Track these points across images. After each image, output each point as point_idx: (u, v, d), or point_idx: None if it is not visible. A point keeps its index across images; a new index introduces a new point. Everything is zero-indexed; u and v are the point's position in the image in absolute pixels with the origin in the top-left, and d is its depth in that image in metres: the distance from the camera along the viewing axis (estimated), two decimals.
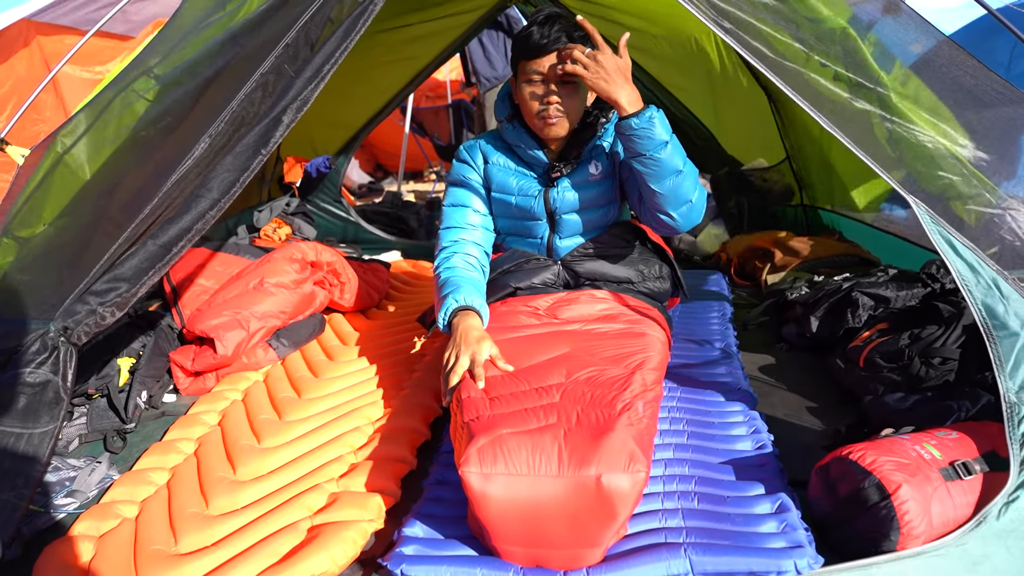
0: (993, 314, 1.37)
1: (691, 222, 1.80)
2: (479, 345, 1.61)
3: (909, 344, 2.00)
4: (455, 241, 1.94)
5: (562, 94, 1.78)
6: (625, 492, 1.24)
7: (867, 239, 3.25)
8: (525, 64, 1.79)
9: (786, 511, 1.41)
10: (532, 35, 1.75)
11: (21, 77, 3.88)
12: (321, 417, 1.94)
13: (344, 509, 1.50)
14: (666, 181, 1.71)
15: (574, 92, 1.80)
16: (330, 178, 4.09)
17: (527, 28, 1.77)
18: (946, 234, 1.41)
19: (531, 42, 1.75)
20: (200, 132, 1.59)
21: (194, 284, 2.55)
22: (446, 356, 1.65)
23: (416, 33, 3.60)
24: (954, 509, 1.32)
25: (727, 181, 3.93)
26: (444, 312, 1.75)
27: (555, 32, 1.72)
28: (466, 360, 1.60)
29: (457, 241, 1.94)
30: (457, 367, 1.59)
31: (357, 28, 1.59)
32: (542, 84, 1.78)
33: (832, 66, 1.59)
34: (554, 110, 1.79)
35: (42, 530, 1.57)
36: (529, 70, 1.78)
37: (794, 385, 2.22)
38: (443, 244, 1.95)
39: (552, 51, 1.73)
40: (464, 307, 1.74)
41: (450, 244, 1.94)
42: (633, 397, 1.45)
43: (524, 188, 1.95)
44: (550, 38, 1.72)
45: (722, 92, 3.65)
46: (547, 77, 1.76)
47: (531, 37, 1.75)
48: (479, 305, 1.76)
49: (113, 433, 1.96)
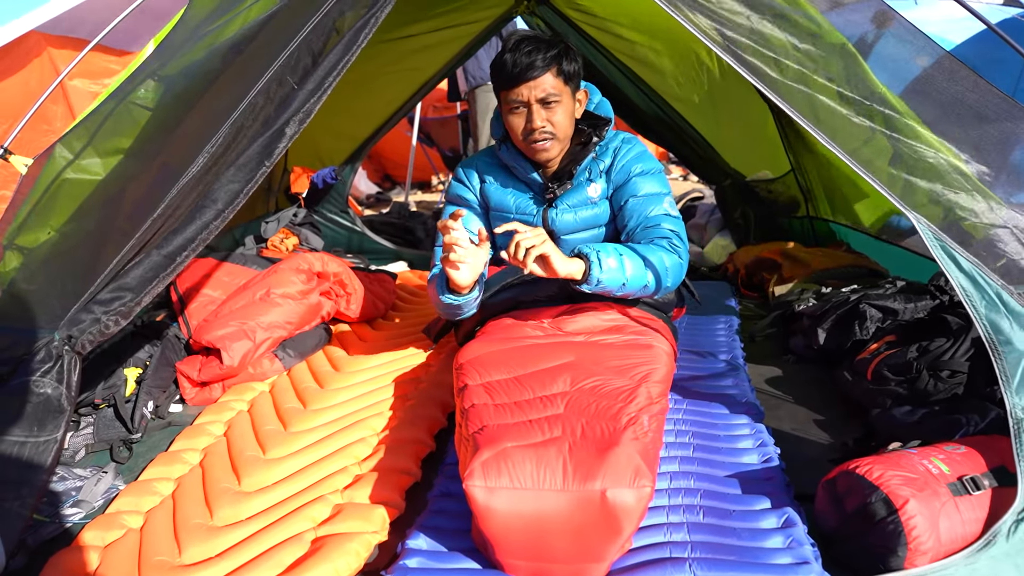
0: (998, 329, 1.36)
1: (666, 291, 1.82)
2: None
3: (917, 357, 1.99)
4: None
5: (547, 115, 1.78)
6: (630, 507, 1.24)
7: (875, 251, 3.23)
8: (505, 94, 1.79)
9: (792, 526, 1.40)
10: (506, 64, 1.75)
11: (33, 89, 3.91)
12: (326, 428, 1.94)
13: (348, 521, 1.49)
14: (638, 292, 1.74)
15: (558, 110, 1.79)
16: (337, 189, 4.11)
17: (500, 56, 1.77)
18: (948, 248, 1.40)
19: (505, 72, 1.75)
20: (203, 143, 1.59)
21: (201, 294, 2.56)
22: None
23: (421, 44, 3.61)
24: (963, 525, 1.31)
25: (732, 192, 3.92)
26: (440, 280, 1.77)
27: (527, 58, 1.72)
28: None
29: None
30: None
31: (359, 40, 1.59)
32: (524, 111, 1.78)
33: (833, 85, 1.58)
34: (540, 134, 1.79)
35: (48, 540, 1.57)
36: (510, 100, 1.79)
37: (801, 398, 2.21)
38: (436, 261, 1.96)
39: (527, 79, 1.73)
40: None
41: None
42: (639, 410, 1.45)
43: (522, 207, 1.95)
44: (522, 65, 1.73)
45: (724, 105, 3.65)
46: (527, 103, 1.77)
47: (505, 66, 1.75)
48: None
49: (119, 443, 1.96)
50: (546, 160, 1.86)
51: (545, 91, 1.75)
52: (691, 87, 3.64)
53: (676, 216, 1.86)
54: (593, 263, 1.62)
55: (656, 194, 1.87)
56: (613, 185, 1.92)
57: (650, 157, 1.94)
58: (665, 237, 1.79)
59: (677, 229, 1.83)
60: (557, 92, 1.77)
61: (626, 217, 1.88)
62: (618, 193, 1.90)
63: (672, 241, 1.79)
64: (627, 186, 1.88)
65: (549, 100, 1.77)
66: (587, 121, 1.92)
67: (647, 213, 1.84)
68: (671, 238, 1.80)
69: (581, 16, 3.51)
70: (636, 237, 1.84)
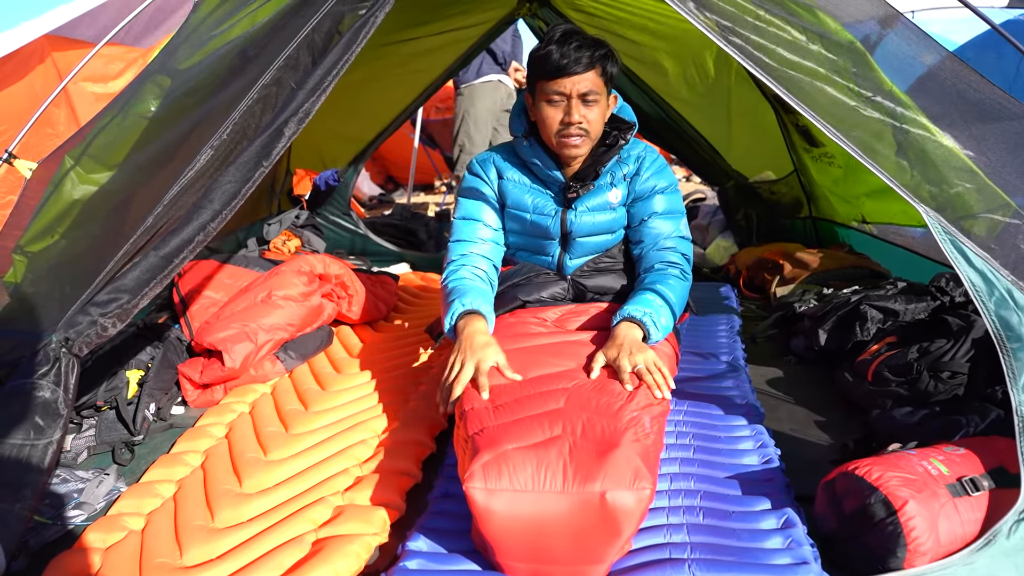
0: (1007, 325, 1.34)
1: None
2: (484, 351, 1.60)
3: (918, 358, 1.99)
4: (464, 255, 1.94)
5: (584, 112, 1.78)
6: (630, 509, 1.24)
7: (876, 251, 3.23)
8: (544, 84, 1.77)
9: (792, 527, 1.40)
10: (552, 54, 1.73)
11: (36, 93, 3.92)
12: (327, 430, 1.94)
13: (349, 523, 1.50)
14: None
15: (595, 108, 1.79)
16: (339, 191, 4.12)
17: (545, 47, 1.75)
18: (959, 243, 1.38)
19: (551, 62, 1.73)
20: (202, 143, 1.59)
21: (203, 296, 2.57)
22: (451, 360, 1.64)
23: (424, 47, 3.63)
24: (962, 526, 1.31)
25: (735, 193, 3.92)
26: (450, 316, 1.74)
27: (576, 52, 1.71)
28: (471, 368, 1.58)
29: (466, 255, 1.94)
30: (461, 376, 1.57)
31: (359, 40, 1.60)
32: (564, 103, 1.77)
33: (841, 79, 1.58)
34: (576, 129, 1.78)
35: (50, 542, 1.58)
36: (549, 90, 1.77)
37: (802, 399, 2.21)
38: (452, 257, 1.95)
39: (573, 72, 1.72)
40: (470, 311, 1.73)
41: (459, 257, 1.94)
42: (640, 410, 1.45)
43: (540, 207, 1.94)
44: (571, 59, 1.71)
45: (728, 106, 3.65)
46: (569, 95, 1.76)
47: (551, 56, 1.73)
48: (486, 310, 1.75)
49: (121, 445, 1.97)
50: (574, 157, 1.85)
51: (588, 87, 1.75)
52: (694, 87, 3.65)
53: (688, 238, 1.94)
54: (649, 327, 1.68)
55: (675, 214, 1.94)
56: (634, 195, 1.93)
57: (670, 172, 1.98)
58: (676, 264, 1.87)
59: (688, 253, 1.91)
60: (598, 91, 1.77)
61: (643, 233, 1.94)
62: (639, 205, 1.93)
63: (683, 268, 1.87)
64: (649, 201, 1.92)
65: (589, 97, 1.77)
66: (611, 124, 1.92)
67: (664, 233, 1.91)
68: (682, 265, 1.88)
69: (583, 17, 3.52)
70: (648, 254, 1.91)
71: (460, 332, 1.69)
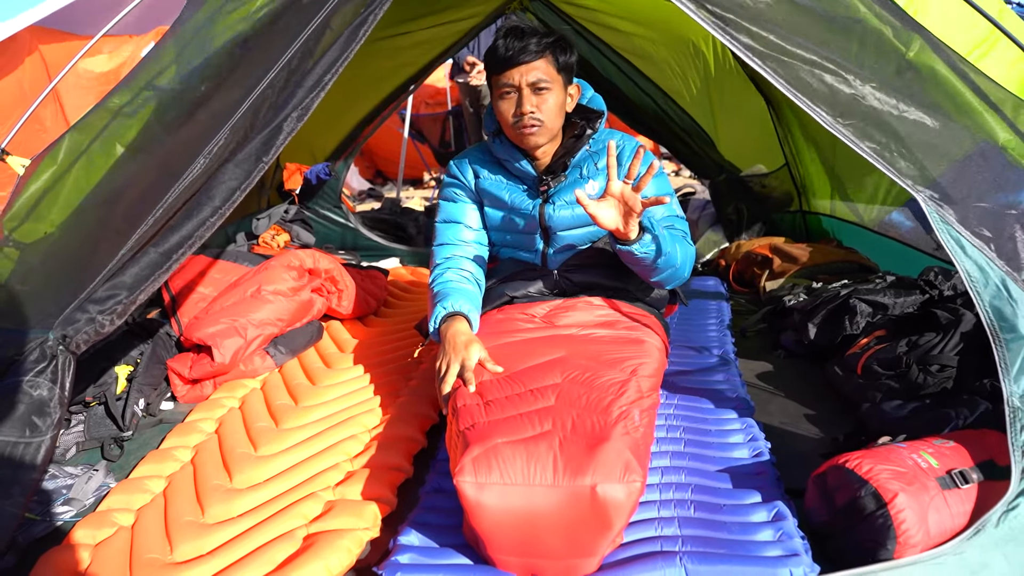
0: (1001, 316, 1.34)
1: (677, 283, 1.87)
2: (467, 350, 1.63)
3: (907, 351, 2.00)
4: (448, 258, 1.95)
5: (536, 101, 1.78)
6: (620, 502, 1.24)
7: (866, 244, 3.24)
8: (496, 78, 1.80)
9: (782, 519, 1.40)
10: (498, 48, 1.76)
11: (25, 88, 3.89)
12: (318, 425, 1.94)
13: (340, 517, 1.49)
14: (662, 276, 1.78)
15: (548, 97, 1.79)
16: (330, 185, 4.10)
17: (494, 42, 1.78)
18: (955, 233, 1.38)
19: (498, 55, 1.76)
20: (204, 141, 1.59)
21: (193, 292, 2.55)
22: (437, 365, 1.67)
23: (413, 40, 3.61)
24: (951, 518, 1.32)
25: (726, 187, 3.93)
26: (434, 320, 1.77)
27: (520, 42, 1.74)
28: (456, 366, 1.61)
29: (451, 257, 1.95)
30: (448, 375, 1.60)
31: (358, 37, 1.59)
32: (514, 95, 1.79)
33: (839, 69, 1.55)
34: (529, 119, 1.79)
35: (38, 538, 1.57)
36: (500, 84, 1.79)
37: (792, 392, 2.22)
38: (436, 261, 1.96)
39: (519, 62, 1.74)
40: (452, 313, 1.75)
41: (443, 261, 1.95)
42: (629, 404, 1.45)
43: (517, 202, 1.94)
44: (515, 49, 1.73)
45: (720, 97, 3.66)
46: (518, 87, 1.77)
47: (497, 51, 1.76)
48: (468, 310, 1.77)
49: (110, 441, 1.96)
50: (534, 146, 1.86)
51: (537, 76, 1.76)
52: (687, 78, 3.65)
53: (683, 216, 1.93)
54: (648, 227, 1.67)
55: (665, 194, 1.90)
56: None
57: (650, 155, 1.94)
58: (678, 229, 1.86)
59: (685, 230, 1.90)
60: (548, 79, 1.77)
61: None
62: None
63: (687, 236, 1.87)
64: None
65: (540, 86, 1.77)
66: (580, 115, 1.92)
67: (658, 216, 1.88)
68: (686, 234, 1.88)
69: (575, 10, 3.51)
70: None
71: (443, 336, 1.72)
